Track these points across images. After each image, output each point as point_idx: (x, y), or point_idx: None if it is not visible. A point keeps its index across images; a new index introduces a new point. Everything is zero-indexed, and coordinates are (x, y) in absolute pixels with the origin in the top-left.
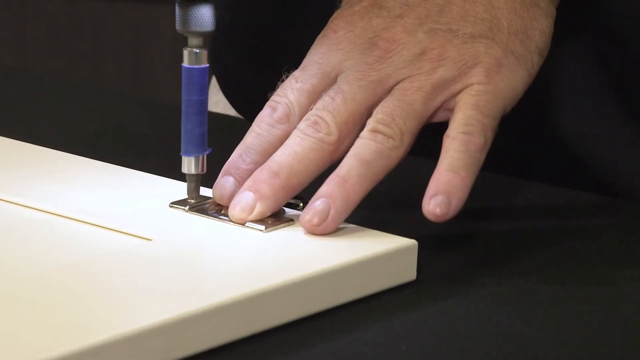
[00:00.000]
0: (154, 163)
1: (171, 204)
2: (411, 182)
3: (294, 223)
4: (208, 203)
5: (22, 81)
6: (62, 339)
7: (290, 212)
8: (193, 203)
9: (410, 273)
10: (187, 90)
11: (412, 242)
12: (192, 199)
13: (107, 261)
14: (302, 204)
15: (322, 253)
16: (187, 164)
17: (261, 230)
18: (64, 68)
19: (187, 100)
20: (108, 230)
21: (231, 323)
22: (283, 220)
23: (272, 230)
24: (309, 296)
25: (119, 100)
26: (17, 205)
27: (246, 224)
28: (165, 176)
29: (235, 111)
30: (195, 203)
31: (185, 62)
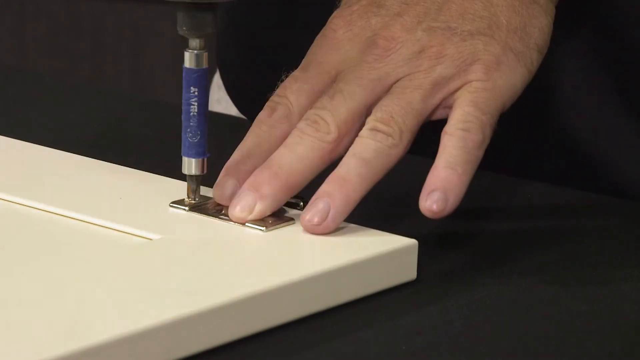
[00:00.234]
0: (154, 163)
1: (171, 204)
2: (412, 182)
3: (295, 223)
4: (208, 203)
5: (22, 81)
6: (62, 339)
7: (290, 212)
8: (193, 203)
9: (410, 273)
10: (187, 91)
11: (413, 242)
12: (193, 200)
13: (107, 261)
14: (303, 204)
15: (323, 253)
16: (188, 165)
17: (262, 230)
18: (64, 68)
19: (188, 102)
20: (108, 229)
21: (232, 323)
22: (283, 220)
23: (273, 230)
24: (310, 296)
25: (119, 100)
26: (17, 204)
27: (246, 224)
28: (165, 176)
29: (236, 110)
30: (195, 203)
31: (186, 64)
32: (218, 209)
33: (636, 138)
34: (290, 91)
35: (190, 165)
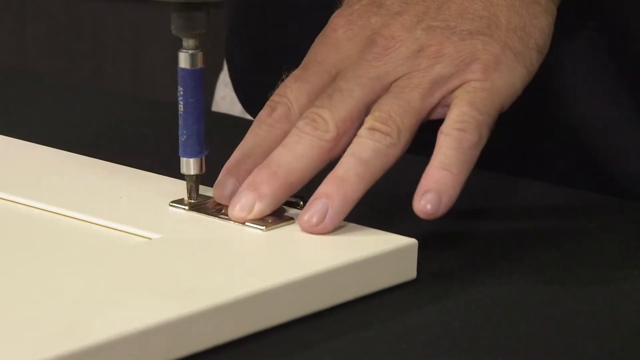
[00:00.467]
0: (154, 162)
1: (171, 203)
2: (411, 182)
3: (294, 222)
4: (208, 202)
5: (22, 81)
6: (62, 339)
7: (290, 211)
8: (193, 202)
9: (410, 272)
10: (184, 92)
11: (412, 241)
12: (192, 199)
13: (107, 260)
14: (303, 203)
15: (323, 252)
16: (186, 165)
17: (261, 229)
18: (64, 68)
19: (184, 102)
20: (108, 229)
21: (232, 322)
22: (283, 219)
23: (273, 229)
24: (309, 295)
25: (119, 100)
26: (17, 203)
27: (246, 223)
28: (165, 175)
29: (240, 107)
30: (195, 202)
31: (180, 64)
32: (218, 209)
33: (636, 138)
34: (290, 90)
35: (188, 165)
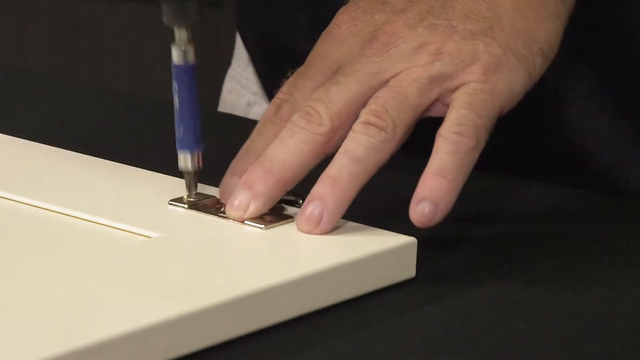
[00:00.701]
0: (154, 161)
1: (170, 202)
2: (412, 181)
3: (294, 220)
4: (208, 201)
5: (22, 81)
6: (62, 337)
7: (289, 210)
8: (192, 201)
9: (409, 270)
10: (179, 87)
11: (412, 240)
12: (191, 197)
13: (106, 259)
14: (302, 201)
15: (322, 251)
16: (184, 160)
17: (260, 228)
18: (64, 68)
19: (180, 97)
20: (107, 227)
21: (231, 321)
22: (282, 217)
23: (272, 227)
24: (309, 294)
25: (119, 100)
26: (16, 202)
27: (245, 222)
28: (164, 174)
29: (244, 101)
30: (194, 200)
31: (174, 60)
32: (217, 207)
33: (636, 138)
34: (294, 88)
35: (186, 160)
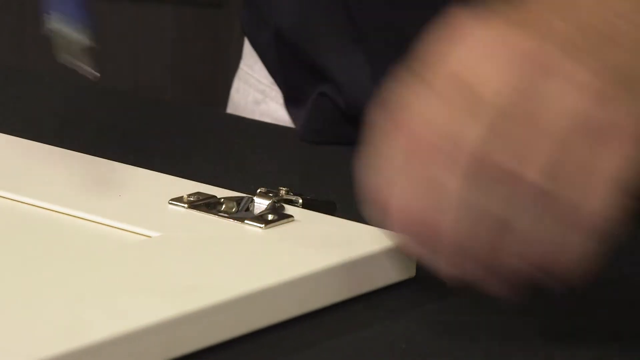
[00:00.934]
0: (153, 160)
1: (170, 201)
2: None
3: (293, 220)
4: (208, 200)
5: (22, 81)
6: (61, 337)
7: (289, 209)
8: (192, 200)
9: (409, 270)
10: None
11: None
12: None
13: (106, 258)
14: (302, 200)
15: (322, 250)
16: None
17: (261, 227)
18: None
19: None
20: (107, 227)
21: (231, 320)
22: (282, 217)
23: (272, 227)
24: (309, 293)
25: (119, 100)
26: (16, 202)
27: (245, 222)
28: (164, 173)
29: (250, 99)
30: (195, 200)
31: None
32: (217, 207)
33: None
34: None
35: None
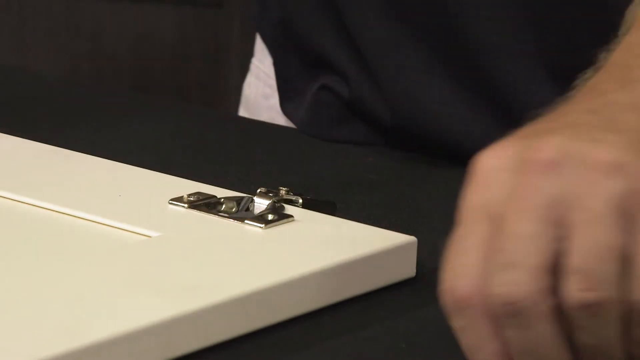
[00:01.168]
0: (153, 160)
1: (170, 201)
2: (412, 180)
3: (293, 220)
4: (208, 200)
5: (22, 81)
6: (61, 337)
7: (289, 209)
8: (192, 200)
9: (409, 270)
10: None
11: (412, 239)
12: None
13: (106, 258)
14: (302, 200)
15: (322, 250)
16: None
17: (261, 227)
18: (64, 68)
19: None
20: (107, 227)
21: (231, 320)
22: (282, 217)
23: (272, 227)
24: (309, 293)
25: (119, 100)
26: (16, 201)
27: (245, 222)
28: (164, 173)
29: (260, 92)
30: (195, 200)
31: None
32: (217, 207)
33: None
34: None
35: None
